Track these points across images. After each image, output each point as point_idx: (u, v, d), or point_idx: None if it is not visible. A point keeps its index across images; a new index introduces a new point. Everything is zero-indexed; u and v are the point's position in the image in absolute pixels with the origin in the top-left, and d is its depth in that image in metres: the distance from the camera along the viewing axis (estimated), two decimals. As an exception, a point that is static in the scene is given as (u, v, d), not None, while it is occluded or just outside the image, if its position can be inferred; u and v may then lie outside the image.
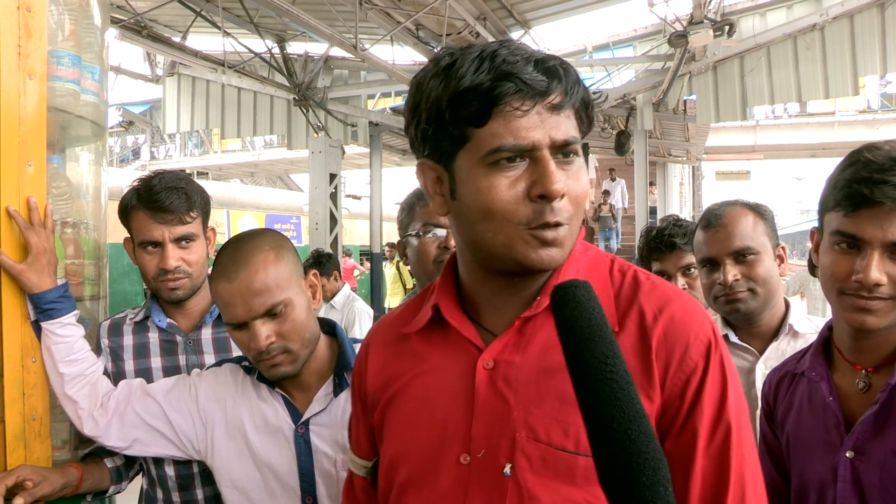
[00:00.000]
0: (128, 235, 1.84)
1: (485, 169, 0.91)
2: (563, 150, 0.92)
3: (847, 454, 1.22)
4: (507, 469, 0.93)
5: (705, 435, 0.90)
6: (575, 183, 0.93)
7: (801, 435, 1.36)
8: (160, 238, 1.77)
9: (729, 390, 0.92)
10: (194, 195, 1.82)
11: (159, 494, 1.81)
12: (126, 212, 1.81)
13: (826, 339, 1.37)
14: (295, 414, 1.56)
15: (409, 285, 11.61)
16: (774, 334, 1.83)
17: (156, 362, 1.84)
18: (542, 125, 0.89)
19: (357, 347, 1.58)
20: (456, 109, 0.90)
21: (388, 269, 12.91)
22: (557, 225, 0.91)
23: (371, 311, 5.42)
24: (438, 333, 1.05)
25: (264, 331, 1.45)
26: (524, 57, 0.90)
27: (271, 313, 1.45)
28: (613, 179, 17.42)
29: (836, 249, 1.23)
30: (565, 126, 0.92)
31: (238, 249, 1.48)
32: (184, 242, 1.80)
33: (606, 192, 16.67)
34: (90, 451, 1.81)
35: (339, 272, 5.43)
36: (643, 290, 0.98)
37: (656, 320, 0.94)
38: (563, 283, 0.77)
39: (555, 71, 0.90)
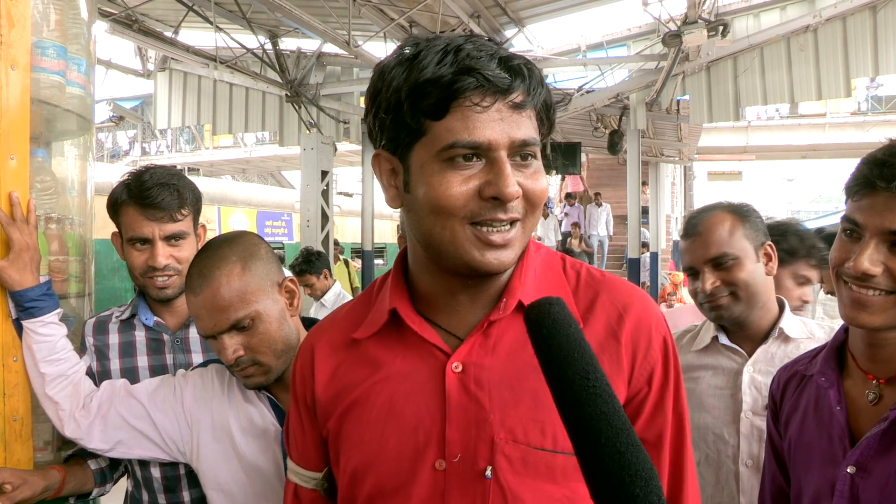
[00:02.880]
0: (115, 230, 1.80)
1: (440, 164, 0.90)
2: (521, 151, 0.91)
3: (848, 469, 1.19)
4: (489, 471, 0.93)
5: (671, 422, 0.98)
6: (533, 182, 0.93)
7: (802, 441, 1.33)
8: (150, 235, 1.73)
9: (680, 380, 1.02)
10: (186, 192, 1.78)
11: (145, 497, 1.77)
12: (115, 207, 1.77)
13: (841, 342, 1.33)
14: (281, 415, 1.53)
15: (357, 284, 11.45)
16: (765, 337, 1.81)
17: (142, 361, 1.80)
18: (501, 123, 0.88)
19: None
20: (415, 101, 0.89)
21: (335, 268, 12.16)
22: (512, 222, 0.91)
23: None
24: (395, 337, 1.03)
25: (232, 344, 1.43)
26: (489, 53, 0.89)
27: (238, 327, 1.43)
28: (600, 205, 15.80)
29: (841, 236, 1.21)
30: (526, 126, 0.91)
31: (204, 261, 1.45)
32: (174, 240, 1.76)
33: (576, 225, 15.28)
34: (73, 453, 1.77)
35: (330, 270, 5.39)
36: (603, 288, 1.02)
37: (623, 318, 0.99)
38: (536, 301, 0.77)
39: (518, 70, 0.90)
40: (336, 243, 11.98)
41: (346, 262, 11.65)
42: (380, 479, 1.00)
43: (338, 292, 5.31)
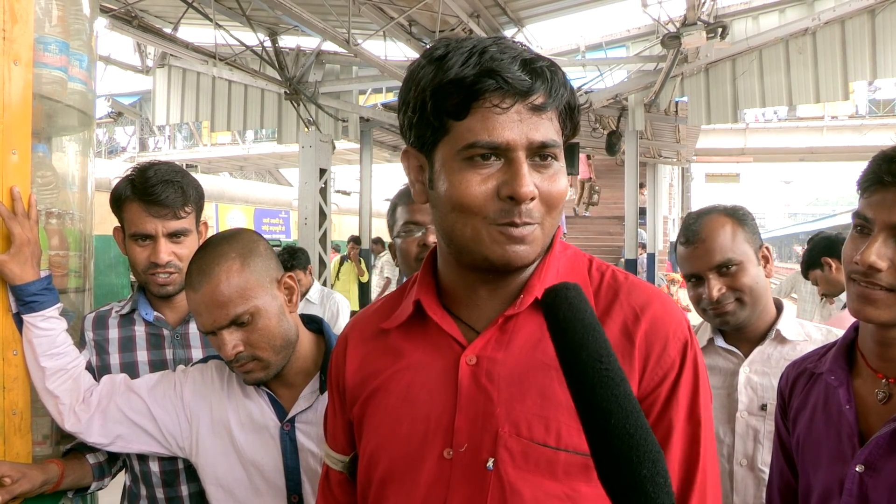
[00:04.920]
0: (118, 225, 1.81)
1: (460, 163, 0.92)
2: (540, 152, 0.92)
3: (857, 468, 1.19)
4: (490, 463, 0.94)
5: (681, 428, 0.95)
6: (550, 184, 0.94)
7: (811, 439, 1.33)
8: (153, 232, 1.74)
9: (700, 387, 0.98)
10: (189, 189, 1.79)
11: (143, 491, 1.78)
12: (119, 202, 1.78)
13: (851, 341, 1.33)
14: (280, 412, 1.54)
15: (365, 279, 11.25)
16: (762, 338, 1.82)
17: (142, 356, 1.81)
18: (520, 125, 0.90)
19: None
20: (438, 100, 0.92)
21: (347, 266, 11.27)
22: (526, 224, 0.92)
23: (349, 302, 5.40)
24: (419, 329, 1.06)
25: (231, 340, 1.44)
26: (512, 55, 0.91)
27: (237, 322, 1.44)
28: None
29: (853, 234, 1.21)
30: (545, 128, 0.92)
31: (204, 258, 1.47)
32: (176, 237, 1.77)
33: None
34: (72, 447, 1.77)
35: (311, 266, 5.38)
36: (624, 290, 1.01)
37: (639, 319, 0.98)
38: (554, 286, 0.78)
39: (540, 72, 0.91)
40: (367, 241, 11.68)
41: (343, 260, 11.52)
42: (391, 464, 1.03)
43: (320, 288, 5.31)
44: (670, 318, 0.99)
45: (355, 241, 11.24)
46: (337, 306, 5.10)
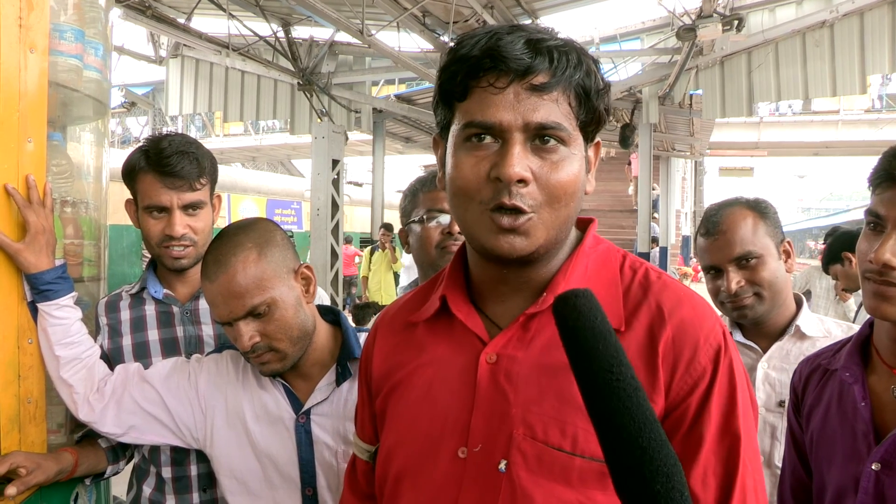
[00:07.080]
0: (130, 197, 1.79)
1: (460, 144, 0.91)
2: (540, 134, 0.88)
3: (873, 466, 1.17)
4: (503, 465, 0.91)
5: (712, 442, 0.88)
6: (551, 171, 0.89)
7: (825, 436, 1.31)
8: (168, 204, 1.71)
9: (738, 397, 0.90)
10: (204, 161, 1.77)
11: (151, 469, 1.78)
12: (132, 174, 1.75)
13: (866, 337, 1.32)
14: (296, 403, 1.53)
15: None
16: (781, 334, 1.80)
17: (153, 335, 1.79)
18: (516, 106, 0.87)
19: (361, 337, 1.55)
20: (445, 82, 0.92)
21: (378, 255, 10.78)
22: (516, 210, 0.88)
23: (329, 300, 5.28)
24: (444, 324, 1.04)
25: (247, 331, 1.42)
26: (519, 35, 0.87)
27: (254, 314, 1.42)
28: None
29: (866, 231, 1.20)
30: (547, 110, 0.87)
31: (220, 248, 1.45)
32: (191, 209, 1.74)
33: None
34: (84, 434, 1.78)
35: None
36: (654, 290, 0.95)
37: (665, 322, 0.92)
38: (563, 293, 0.75)
39: (545, 51, 0.87)
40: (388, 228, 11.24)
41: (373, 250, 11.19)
42: (407, 461, 1.01)
43: None
44: (701, 321, 0.92)
45: (387, 227, 10.79)
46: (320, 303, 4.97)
